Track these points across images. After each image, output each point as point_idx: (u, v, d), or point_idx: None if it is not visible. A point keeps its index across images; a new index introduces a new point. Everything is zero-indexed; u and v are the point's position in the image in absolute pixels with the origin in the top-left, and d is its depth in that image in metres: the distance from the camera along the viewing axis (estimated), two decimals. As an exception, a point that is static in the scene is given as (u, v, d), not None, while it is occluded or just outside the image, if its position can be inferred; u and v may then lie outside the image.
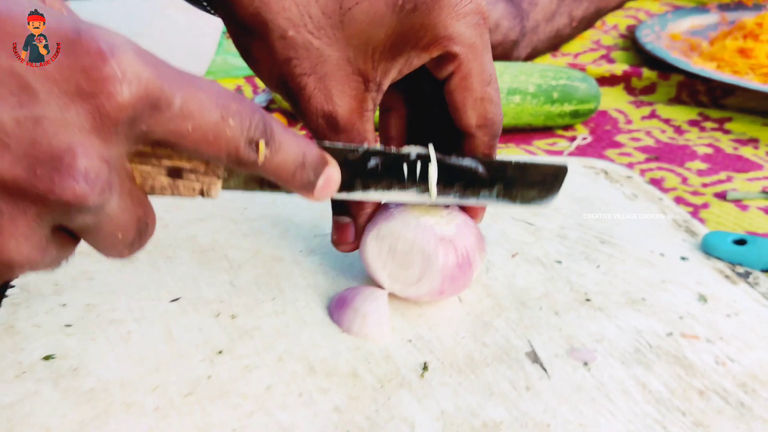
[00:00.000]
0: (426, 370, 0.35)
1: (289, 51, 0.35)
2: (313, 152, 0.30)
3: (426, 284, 0.38)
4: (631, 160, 0.70)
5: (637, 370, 0.37)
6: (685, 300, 0.44)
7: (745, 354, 0.39)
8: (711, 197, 0.63)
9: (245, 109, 0.27)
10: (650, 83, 0.88)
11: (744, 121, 0.79)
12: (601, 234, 0.51)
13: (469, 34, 0.36)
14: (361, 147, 0.34)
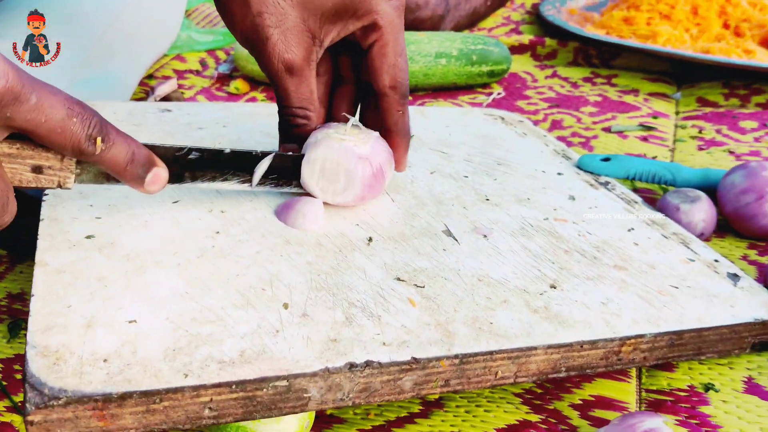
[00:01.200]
0: (371, 241, 0.48)
1: (261, 6, 0.47)
2: (142, 152, 0.40)
3: (350, 192, 0.50)
4: (537, 108, 0.85)
5: (521, 240, 0.51)
6: (558, 199, 0.59)
7: (599, 230, 0.54)
8: (599, 131, 0.78)
9: (86, 112, 0.37)
10: (552, 50, 1.03)
11: (627, 77, 0.96)
12: (499, 159, 0.65)
13: (391, 13, 0.48)
14: (185, 146, 0.44)
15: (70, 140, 0.37)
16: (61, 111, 0.36)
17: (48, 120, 0.35)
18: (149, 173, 0.41)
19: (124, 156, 0.39)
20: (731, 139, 0.76)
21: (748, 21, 1.01)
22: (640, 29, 1.00)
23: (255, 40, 0.48)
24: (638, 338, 0.43)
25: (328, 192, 0.49)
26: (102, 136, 0.38)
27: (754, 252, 0.58)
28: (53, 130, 0.36)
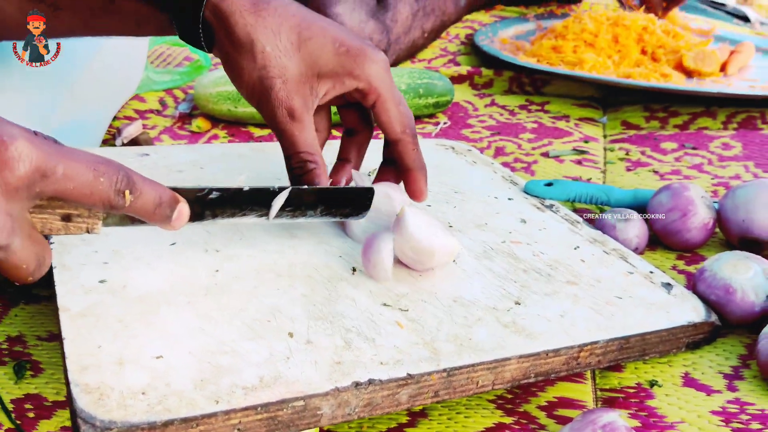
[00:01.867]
0: (354, 271, 0.54)
1: (265, 60, 0.53)
2: (167, 194, 0.43)
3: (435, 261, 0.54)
4: (481, 135, 0.93)
5: (485, 262, 0.58)
6: (511, 222, 0.66)
7: (550, 249, 0.61)
8: (538, 156, 0.86)
9: (111, 169, 0.39)
10: (488, 79, 1.12)
11: (558, 103, 1.04)
12: (454, 187, 0.72)
13: (382, 74, 0.55)
14: (206, 187, 0.47)
15: (100, 198, 0.39)
16: (87, 174, 0.39)
17: (76, 185, 0.38)
18: (174, 212, 0.44)
19: (152, 202, 0.42)
20: (655, 160, 0.85)
21: (663, 47, 1.12)
22: (567, 57, 1.10)
23: (260, 90, 0.54)
24: (593, 344, 0.50)
25: (417, 264, 0.54)
26: (129, 188, 0.40)
27: (682, 262, 0.67)
28: (82, 193, 0.39)
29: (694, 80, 1.08)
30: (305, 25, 0.54)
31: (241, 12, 0.53)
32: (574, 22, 1.16)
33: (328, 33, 0.55)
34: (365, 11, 1.04)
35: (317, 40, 0.54)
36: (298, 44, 0.54)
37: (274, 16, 0.54)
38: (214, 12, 0.54)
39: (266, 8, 0.54)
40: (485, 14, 1.40)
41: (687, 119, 0.97)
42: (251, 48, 0.53)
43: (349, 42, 0.55)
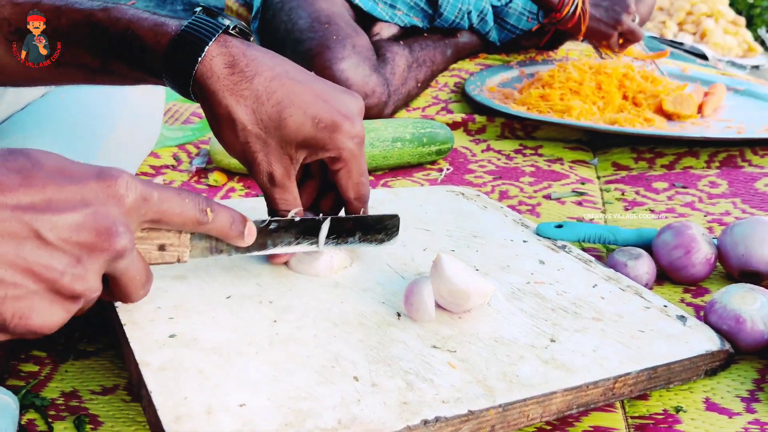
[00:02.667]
0: (400, 317, 0.58)
1: (247, 136, 0.58)
2: (237, 214, 0.52)
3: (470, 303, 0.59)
4: (484, 180, 0.98)
5: (515, 303, 0.62)
6: (531, 264, 0.70)
7: (571, 288, 0.66)
8: (541, 198, 0.92)
9: (192, 194, 0.48)
10: (482, 126, 1.18)
11: (551, 147, 1.11)
12: (473, 232, 0.77)
13: (353, 147, 0.59)
14: (266, 219, 0.56)
15: (189, 216, 0.48)
16: (176, 198, 0.47)
17: (169, 207, 0.46)
18: (246, 228, 0.52)
19: (228, 218, 0.51)
20: (649, 199, 0.91)
21: (643, 92, 1.20)
22: (555, 105, 1.17)
23: (244, 159, 0.60)
24: (626, 376, 0.55)
25: (454, 306, 0.58)
26: (209, 206, 0.49)
27: (689, 295, 0.72)
28: (174, 212, 0.47)
29: (675, 123, 1.16)
30: (287, 102, 0.58)
31: (223, 92, 0.57)
32: (559, 71, 1.24)
33: (309, 109, 0.58)
34: (368, 66, 1.09)
35: (297, 117, 0.58)
36: (279, 121, 0.57)
37: (254, 96, 0.57)
38: (200, 89, 0.58)
39: (248, 87, 0.57)
40: (470, 63, 1.47)
41: (672, 159, 1.04)
42: (233, 126, 0.57)
43: (326, 118, 0.58)
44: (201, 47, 0.57)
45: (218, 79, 0.57)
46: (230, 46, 0.58)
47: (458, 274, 0.58)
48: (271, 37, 1.18)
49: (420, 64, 1.26)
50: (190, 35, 0.57)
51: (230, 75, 0.57)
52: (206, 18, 0.58)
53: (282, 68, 0.59)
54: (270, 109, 0.57)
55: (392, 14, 1.35)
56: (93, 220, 0.41)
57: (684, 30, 2.79)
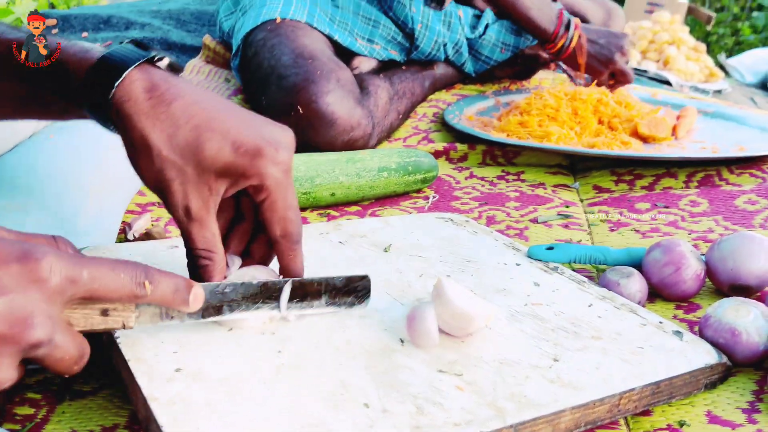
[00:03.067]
0: (403, 343, 0.58)
1: (162, 163, 0.54)
2: (182, 281, 0.49)
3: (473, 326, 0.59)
4: (470, 206, 0.99)
5: (516, 325, 0.63)
6: (527, 286, 0.71)
7: (568, 309, 0.67)
8: (527, 222, 0.93)
9: (129, 266, 0.47)
10: (463, 154, 1.19)
11: (532, 172, 1.12)
12: (466, 257, 0.77)
13: (278, 175, 0.55)
14: (219, 283, 0.54)
15: (124, 291, 0.46)
16: (109, 274, 0.46)
17: (102, 284, 0.45)
18: (191, 295, 0.50)
19: (171, 289, 0.49)
20: (633, 220, 0.93)
21: (618, 117, 1.23)
22: (534, 131, 1.19)
23: (159, 189, 0.56)
24: (630, 392, 0.55)
25: (457, 330, 0.58)
26: (148, 279, 0.47)
27: (681, 312, 0.73)
28: (108, 289, 0.46)
29: (651, 146, 1.19)
30: (205, 126, 0.55)
31: (139, 115, 0.54)
32: (535, 99, 1.26)
33: (229, 134, 0.55)
34: (352, 99, 1.11)
35: (216, 142, 0.54)
36: (196, 146, 0.54)
37: (171, 119, 0.54)
38: (117, 113, 0.55)
39: (165, 111, 0.54)
40: (447, 93, 1.49)
41: (652, 180, 1.06)
42: (147, 151, 0.54)
43: (248, 142, 0.55)
44: (120, 71, 0.55)
45: (135, 103, 0.54)
46: (152, 73, 0.56)
47: (460, 297, 0.58)
48: (254, 73, 1.19)
49: (401, 96, 1.27)
50: (112, 60, 0.55)
51: (148, 99, 0.54)
52: (132, 48, 0.58)
53: (205, 96, 0.57)
54: (187, 133, 0.54)
55: (370, 49, 1.37)
56: (8, 310, 0.41)
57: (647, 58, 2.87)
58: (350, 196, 1.00)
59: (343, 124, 1.08)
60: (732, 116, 1.37)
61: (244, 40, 1.25)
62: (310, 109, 1.07)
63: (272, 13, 1.24)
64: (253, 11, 1.28)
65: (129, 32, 1.55)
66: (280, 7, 1.26)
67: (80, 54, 0.57)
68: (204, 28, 1.65)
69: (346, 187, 0.98)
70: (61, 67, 0.57)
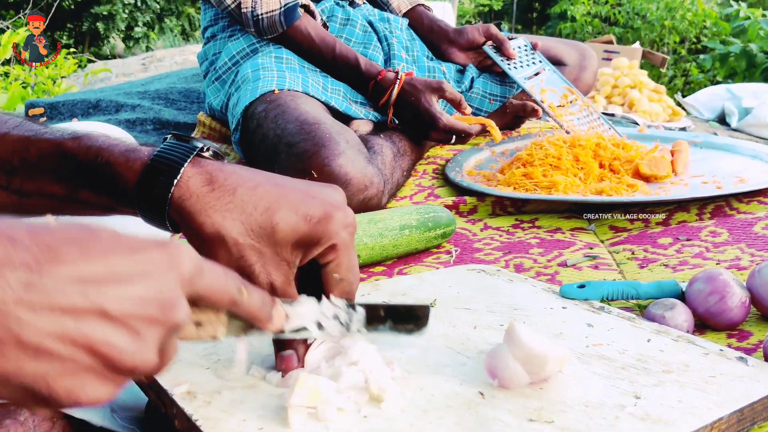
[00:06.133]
0: (483, 395, 0.57)
1: (241, 251, 0.55)
2: (267, 297, 0.51)
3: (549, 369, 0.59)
4: (495, 256, 0.99)
5: (587, 368, 0.62)
6: (581, 328, 0.71)
7: (629, 346, 0.67)
8: (557, 267, 0.93)
9: (232, 272, 0.48)
10: (473, 206, 1.20)
11: (546, 219, 1.13)
12: (511, 305, 0.77)
13: (347, 238, 0.57)
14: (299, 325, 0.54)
15: (228, 293, 0.46)
16: (220, 272, 0.46)
17: (215, 282, 0.46)
18: (274, 311, 0.51)
19: (259, 300, 0.50)
20: (660, 255, 0.94)
21: (618, 159, 1.26)
22: (540, 182, 1.21)
23: (242, 274, 0.55)
24: (719, 420, 0.55)
25: (531, 375, 0.58)
26: (243, 285, 0.48)
27: (734, 340, 0.74)
28: (217, 288, 0.46)
29: (655, 184, 1.21)
30: (275, 207, 0.56)
31: (206, 210, 0.55)
32: (536, 149, 1.29)
33: (297, 208, 0.56)
34: (363, 158, 1.11)
35: (289, 219, 0.56)
36: (271, 227, 0.55)
37: (240, 208, 0.55)
38: (179, 212, 0.55)
39: (231, 200, 0.55)
40: (441, 149, 1.52)
41: (665, 216, 1.08)
42: (223, 243, 0.55)
43: (316, 211, 0.56)
44: (176, 169, 0.55)
45: (198, 199, 0.55)
46: (205, 165, 0.57)
47: (534, 341, 0.58)
48: (259, 145, 1.20)
49: (402, 154, 1.29)
50: (165, 158, 0.56)
51: (210, 192, 0.55)
52: (178, 142, 0.58)
53: (262, 177, 0.58)
54: (259, 217, 0.55)
55: (365, 112, 1.39)
56: (156, 293, 0.40)
57: (612, 102, 2.96)
58: (374, 257, 0.99)
59: (357, 183, 1.08)
60: (720, 145, 1.42)
61: (244, 113, 1.26)
62: (324, 173, 1.07)
63: (269, 86, 1.26)
64: (247, 86, 1.30)
65: (120, 114, 1.55)
66: (275, 80, 1.28)
67: (127, 154, 0.57)
68: (194, 105, 1.66)
69: (370, 248, 0.98)
70: (107, 170, 0.57)
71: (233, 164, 0.59)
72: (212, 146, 0.60)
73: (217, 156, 0.60)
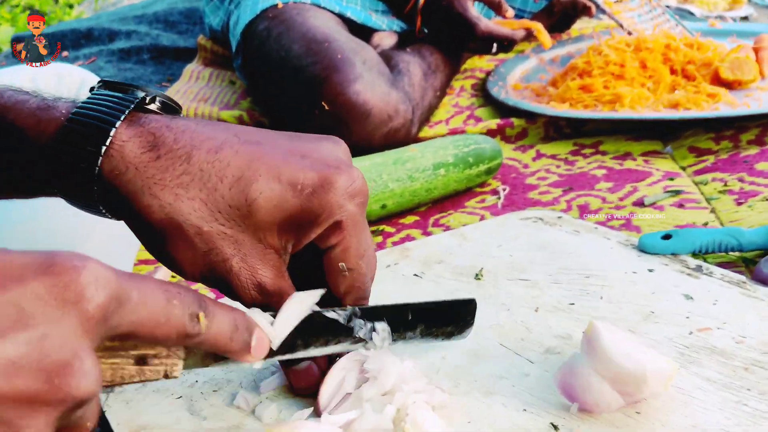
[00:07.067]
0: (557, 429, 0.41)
1: (208, 243, 0.39)
2: (242, 318, 0.37)
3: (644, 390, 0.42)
4: (552, 195, 0.81)
5: (693, 370, 0.46)
6: (678, 303, 0.54)
7: (748, 329, 0.49)
8: (631, 207, 0.75)
9: (182, 290, 0.33)
10: (521, 129, 1.01)
11: (611, 142, 0.94)
12: (581, 271, 0.60)
13: (355, 211, 0.42)
14: None
15: (175, 326, 0.32)
16: (161, 297, 0.32)
17: (151, 313, 0.31)
18: (253, 338, 0.37)
19: (229, 325, 0.35)
20: (761, 186, 0.75)
21: (693, 62, 1.04)
22: (602, 95, 1.00)
23: (216, 277, 0.40)
24: None
25: (627, 394, 0.42)
26: (203, 310, 0.34)
27: None
28: (157, 321, 0.31)
29: (739, 91, 0.99)
30: (250, 174, 0.40)
31: (151, 188, 0.39)
32: (594, 56, 1.07)
33: (281, 172, 0.40)
34: (385, 82, 0.92)
35: (271, 191, 0.40)
36: (246, 206, 0.39)
37: (199, 179, 0.39)
38: (113, 193, 0.39)
39: (186, 170, 0.39)
40: (480, 59, 1.31)
41: (758, 132, 0.88)
42: (181, 233, 0.39)
43: (312, 177, 0.40)
44: (105, 131, 0.39)
45: (138, 172, 0.39)
46: (147, 123, 0.40)
47: (626, 353, 0.41)
48: (261, 71, 1.02)
49: (434, 71, 1.09)
50: (88, 116, 0.39)
51: (154, 161, 0.39)
52: (109, 92, 0.41)
53: (227, 132, 0.42)
54: (228, 191, 0.39)
55: (388, 22, 1.19)
56: (39, 354, 0.27)
57: (667, -9, 2.67)
58: (403, 204, 0.82)
59: (379, 113, 0.90)
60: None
61: (243, 34, 1.07)
62: (337, 103, 0.89)
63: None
64: (247, 1, 1.10)
65: (114, 44, 1.37)
66: (278, -10, 1.07)
67: (38, 114, 0.40)
68: (197, 27, 1.47)
69: (398, 195, 0.81)
70: (14, 136, 0.40)
71: (189, 118, 0.42)
72: (159, 95, 0.43)
73: (168, 109, 0.42)
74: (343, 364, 0.43)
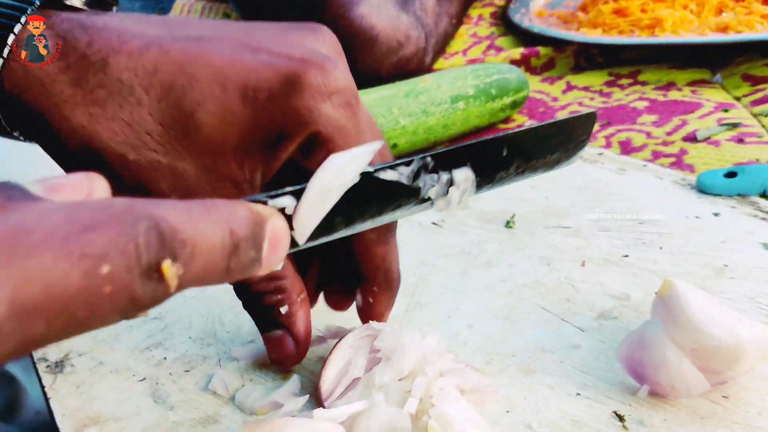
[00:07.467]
0: (623, 419, 0.32)
1: (136, 176, 0.30)
2: (241, 218, 0.22)
3: None
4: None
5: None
6: (753, 253, 0.44)
7: None
8: (681, 143, 0.65)
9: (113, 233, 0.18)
10: (548, 59, 0.90)
11: (651, 70, 0.83)
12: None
13: (338, 116, 0.31)
14: None
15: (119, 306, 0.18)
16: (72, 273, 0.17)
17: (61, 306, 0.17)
18: (264, 243, 0.23)
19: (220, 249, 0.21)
20: (836, 116, 0.64)
21: (742, -21, 0.92)
22: (640, 20, 0.88)
23: None
24: None
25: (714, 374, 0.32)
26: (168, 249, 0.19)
27: None
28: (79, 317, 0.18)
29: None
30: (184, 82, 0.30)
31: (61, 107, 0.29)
32: (630, -27, 0.95)
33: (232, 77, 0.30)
34: (393, 4, 0.81)
35: (214, 103, 0.30)
36: (182, 124, 0.30)
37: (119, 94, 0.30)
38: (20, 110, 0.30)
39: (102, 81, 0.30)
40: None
41: (823, 56, 0.76)
42: (103, 165, 0.30)
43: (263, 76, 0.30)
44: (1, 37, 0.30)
45: (44, 89, 0.30)
46: (58, 23, 0.31)
47: (716, 320, 0.31)
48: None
49: (449, -4, 0.97)
50: None
51: (64, 71, 0.30)
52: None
53: (161, 28, 0.31)
54: (157, 106, 0.30)
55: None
56: None
57: None
58: (417, 143, 0.72)
59: (387, 39, 0.78)
60: None
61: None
62: (339, 28, 0.77)
63: None
64: None
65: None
66: None
67: None
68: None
69: (411, 132, 0.71)
70: None
71: (112, 14, 0.32)
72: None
73: (95, 5, 0.32)
74: (349, 341, 0.33)
